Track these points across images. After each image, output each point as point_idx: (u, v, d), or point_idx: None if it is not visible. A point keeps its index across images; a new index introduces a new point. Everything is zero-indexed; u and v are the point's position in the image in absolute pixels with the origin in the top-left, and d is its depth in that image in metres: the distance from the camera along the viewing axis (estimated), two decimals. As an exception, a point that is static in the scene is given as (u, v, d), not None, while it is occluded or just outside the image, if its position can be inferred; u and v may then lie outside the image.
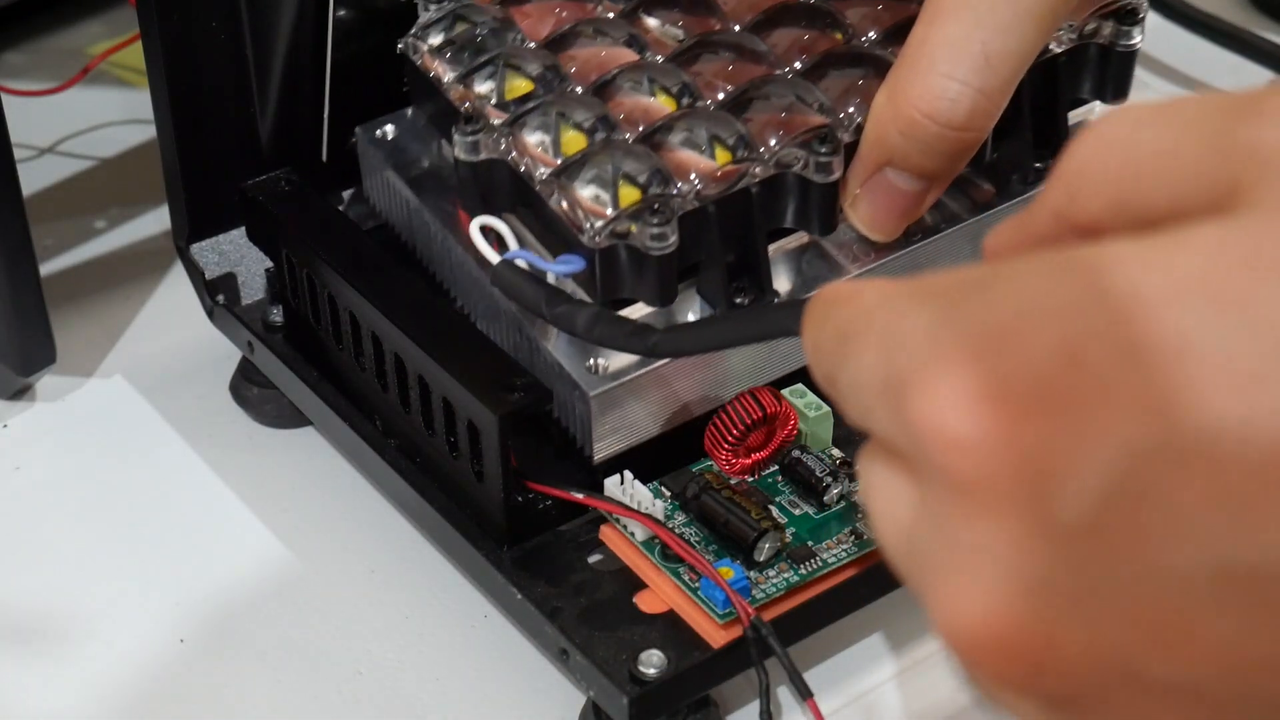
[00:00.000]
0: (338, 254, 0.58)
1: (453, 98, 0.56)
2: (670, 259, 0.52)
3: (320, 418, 0.60)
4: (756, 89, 0.55)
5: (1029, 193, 0.60)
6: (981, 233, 0.58)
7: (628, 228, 0.52)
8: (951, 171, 0.52)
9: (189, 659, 0.56)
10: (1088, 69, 0.59)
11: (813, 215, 0.54)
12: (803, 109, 0.55)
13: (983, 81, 0.49)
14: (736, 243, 0.54)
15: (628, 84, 0.56)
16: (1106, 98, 0.61)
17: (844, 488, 0.54)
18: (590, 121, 0.54)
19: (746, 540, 0.52)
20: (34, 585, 0.58)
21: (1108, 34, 0.59)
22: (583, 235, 0.52)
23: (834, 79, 0.56)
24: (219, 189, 0.62)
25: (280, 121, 0.62)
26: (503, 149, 0.54)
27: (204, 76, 0.60)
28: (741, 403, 0.55)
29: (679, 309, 0.55)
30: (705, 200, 0.53)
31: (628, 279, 0.52)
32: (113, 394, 0.65)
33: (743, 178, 0.53)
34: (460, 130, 0.54)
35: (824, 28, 0.58)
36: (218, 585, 0.58)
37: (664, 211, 0.51)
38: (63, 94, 0.77)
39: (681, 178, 0.53)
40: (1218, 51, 0.86)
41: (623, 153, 0.53)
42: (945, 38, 0.49)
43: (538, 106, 0.55)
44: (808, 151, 0.53)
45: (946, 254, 0.58)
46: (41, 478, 0.62)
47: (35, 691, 0.55)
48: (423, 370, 0.54)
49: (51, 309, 0.63)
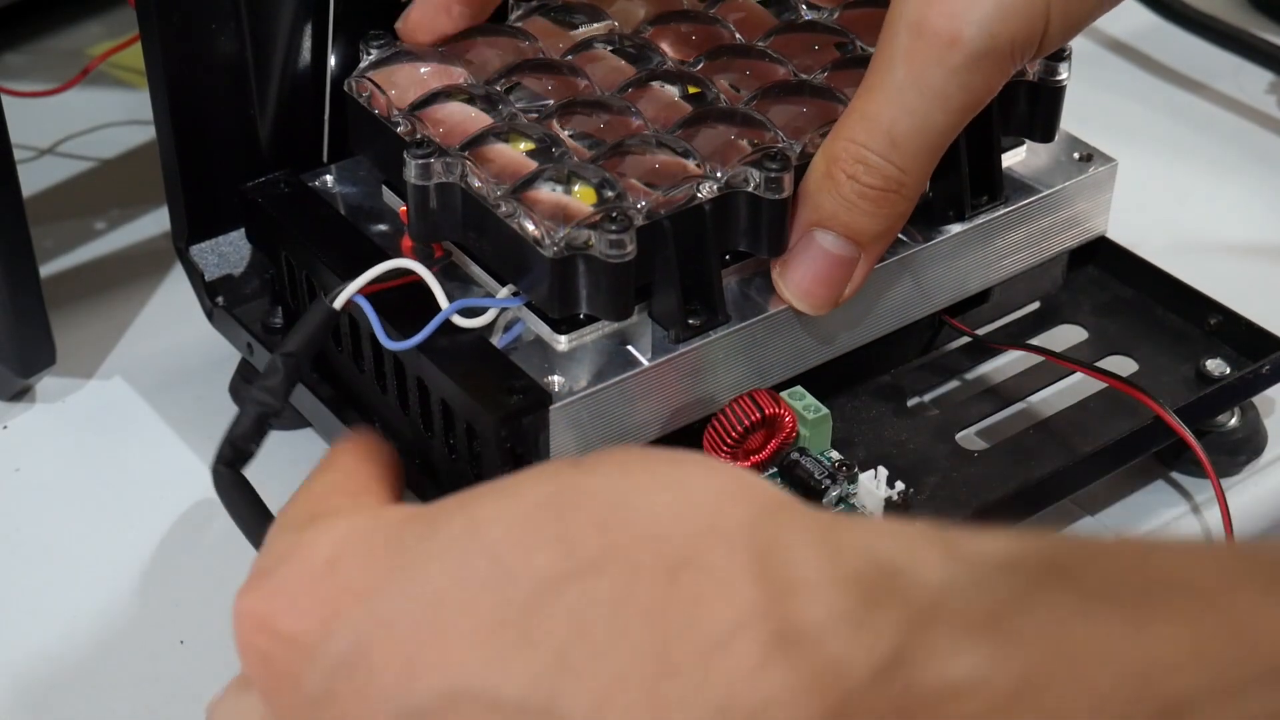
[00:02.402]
0: (337, 256, 0.58)
1: (401, 133, 0.56)
2: (628, 269, 0.52)
3: (320, 420, 0.60)
4: (703, 117, 0.56)
5: (962, 228, 0.59)
6: (918, 266, 0.59)
7: (586, 238, 0.52)
8: (879, 237, 0.54)
9: (189, 659, 0.56)
10: (1018, 107, 0.60)
11: (763, 235, 0.54)
12: (751, 133, 0.55)
13: (893, 156, 0.52)
14: (690, 262, 0.54)
15: (578, 113, 0.56)
16: (1036, 136, 0.61)
17: (842, 490, 0.55)
18: (544, 142, 0.54)
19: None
20: (34, 585, 0.58)
21: (1035, 71, 0.59)
22: (541, 247, 0.52)
23: (780, 110, 0.56)
24: (218, 190, 0.62)
25: (280, 123, 0.62)
26: (456, 174, 0.54)
27: (203, 78, 0.60)
28: (740, 405, 0.55)
29: (634, 333, 0.55)
30: (658, 216, 0.53)
31: (585, 292, 0.52)
32: (113, 395, 0.66)
33: (695, 196, 0.53)
34: (411, 154, 0.53)
35: (769, 63, 0.59)
36: (218, 585, 0.58)
37: (621, 220, 0.51)
38: (63, 95, 0.77)
39: (635, 195, 0.53)
40: (1218, 52, 0.86)
41: (578, 167, 0.53)
42: (863, 110, 0.52)
43: (490, 132, 0.55)
44: (759, 170, 0.53)
45: (883, 287, 0.58)
46: (41, 478, 0.62)
47: (36, 693, 0.55)
48: (421, 373, 0.54)
49: (51, 310, 0.63)
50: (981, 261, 0.61)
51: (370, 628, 0.38)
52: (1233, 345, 0.62)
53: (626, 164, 0.54)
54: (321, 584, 0.40)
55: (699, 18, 0.62)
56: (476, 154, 0.54)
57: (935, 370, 0.62)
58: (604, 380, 0.53)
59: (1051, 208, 0.62)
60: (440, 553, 0.38)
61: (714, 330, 0.55)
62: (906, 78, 0.51)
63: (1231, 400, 0.61)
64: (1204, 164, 0.80)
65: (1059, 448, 0.58)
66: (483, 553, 0.37)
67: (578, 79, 0.58)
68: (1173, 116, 0.84)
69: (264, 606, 0.41)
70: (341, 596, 0.39)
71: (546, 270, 0.52)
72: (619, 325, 0.54)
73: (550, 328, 0.54)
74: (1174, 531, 0.60)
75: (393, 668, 0.37)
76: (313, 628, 0.40)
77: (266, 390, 0.52)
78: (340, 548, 0.41)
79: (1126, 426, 0.58)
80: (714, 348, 0.55)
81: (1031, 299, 0.65)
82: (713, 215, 0.54)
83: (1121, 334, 0.63)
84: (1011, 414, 0.62)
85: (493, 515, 0.38)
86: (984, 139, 0.59)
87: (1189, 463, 0.62)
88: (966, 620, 0.32)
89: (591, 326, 0.54)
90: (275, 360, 0.52)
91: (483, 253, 0.55)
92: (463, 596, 0.37)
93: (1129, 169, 0.72)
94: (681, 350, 0.54)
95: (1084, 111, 0.82)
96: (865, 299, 0.58)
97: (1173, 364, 0.62)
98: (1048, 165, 0.62)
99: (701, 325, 0.55)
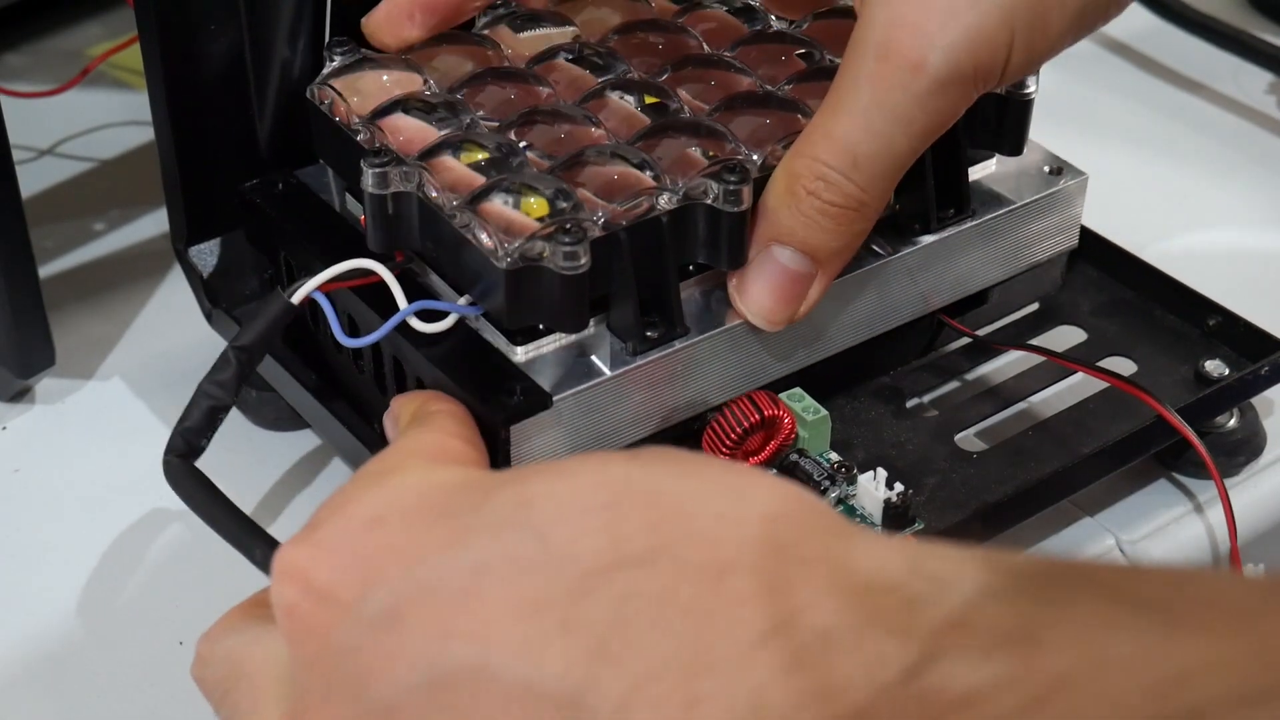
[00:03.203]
0: (337, 256, 0.57)
1: (361, 141, 0.56)
2: (582, 281, 0.51)
3: (320, 421, 0.60)
4: (663, 128, 0.56)
5: (929, 240, 0.59)
6: (881, 279, 0.59)
7: (540, 250, 0.51)
8: (837, 254, 0.54)
9: (189, 659, 0.56)
10: (986, 120, 0.60)
11: (722, 247, 0.54)
12: (711, 144, 0.55)
13: (855, 176, 0.52)
14: (647, 274, 0.54)
15: (539, 123, 0.56)
16: (1004, 149, 0.61)
17: (842, 491, 0.55)
18: (501, 152, 0.54)
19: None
20: (34, 586, 0.58)
21: (1003, 85, 0.59)
22: (494, 259, 0.51)
23: (743, 121, 0.56)
24: (217, 191, 0.62)
25: (278, 124, 0.62)
26: (413, 183, 0.54)
27: (202, 79, 0.60)
28: (739, 406, 0.55)
29: (592, 344, 0.54)
30: (615, 227, 0.53)
31: (539, 304, 0.52)
32: (112, 396, 0.66)
33: (653, 207, 0.53)
34: (368, 163, 0.53)
35: (735, 74, 0.59)
36: (218, 586, 0.58)
37: (575, 231, 0.51)
38: (62, 95, 0.78)
39: (591, 207, 0.53)
40: (1217, 52, 0.86)
41: (532, 178, 0.53)
42: (826, 129, 0.52)
43: (447, 142, 0.55)
44: (717, 181, 0.53)
45: (843, 299, 0.58)
46: (41, 479, 0.62)
47: (36, 693, 0.55)
48: (422, 373, 0.54)
49: (51, 311, 0.63)
50: (947, 273, 0.61)
51: (409, 590, 0.38)
52: (1232, 346, 0.62)
53: (585, 175, 0.54)
54: (364, 541, 0.41)
55: (666, 27, 0.62)
56: (433, 164, 0.54)
57: (934, 371, 0.62)
58: (562, 391, 0.53)
59: (1020, 221, 0.62)
60: (489, 526, 0.38)
61: (672, 343, 0.55)
62: (871, 100, 0.52)
63: (1231, 401, 0.61)
64: (1204, 164, 0.80)
65: (1059, 448, 0.58)
66: (532, 532, 0.37)
67: (540, 88, 0.58)
68: (1173, 117, 0.84)
69: (304, 558, 0.41)
70: (383, 555, 0.40)
71: (500, 281, 0.52)
72: (576, 337, 0.54)
73: (506, 338, 0.54)
74: (1176, 532, 0.61)
75: (426, 632, 0.37)
76: (350, 583, 0.40)
77: (217, 384, 0.52)
78: (387, 507, 0.41)
79: (1127, 427, 0.58)
80: (672, 360, 0.55)
81: (1030, 300, 0.65)
82: (670, 227, 0.54)
83: (1120, 335, 0.63)
84: (1010, 415, 0.62)
85: (545, 496, 0.38)
86: (951, 152, 0.59)
87: (1190, 463, 0.62)
88: (995, 628, 0.33)
89: (549, 337, 0.54)
90: (228, 353, 0.52)
91: (440, 262, 0.55)
92: (507, 572, 0.37)
93: (1128, 169, 0.72)
94: (639, 362, 0.54)
95: (1083, 112, 0.83)
96: (824, 314, 0.57)
97: (1172, 365, 0.62)
98: (1017, 178, 0.62)
99: (659, 337, 0.54)
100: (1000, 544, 0.57)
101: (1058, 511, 0.59)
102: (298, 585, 0.41)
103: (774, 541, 0.36)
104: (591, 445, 0.54)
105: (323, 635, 0.40)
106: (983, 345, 0.63)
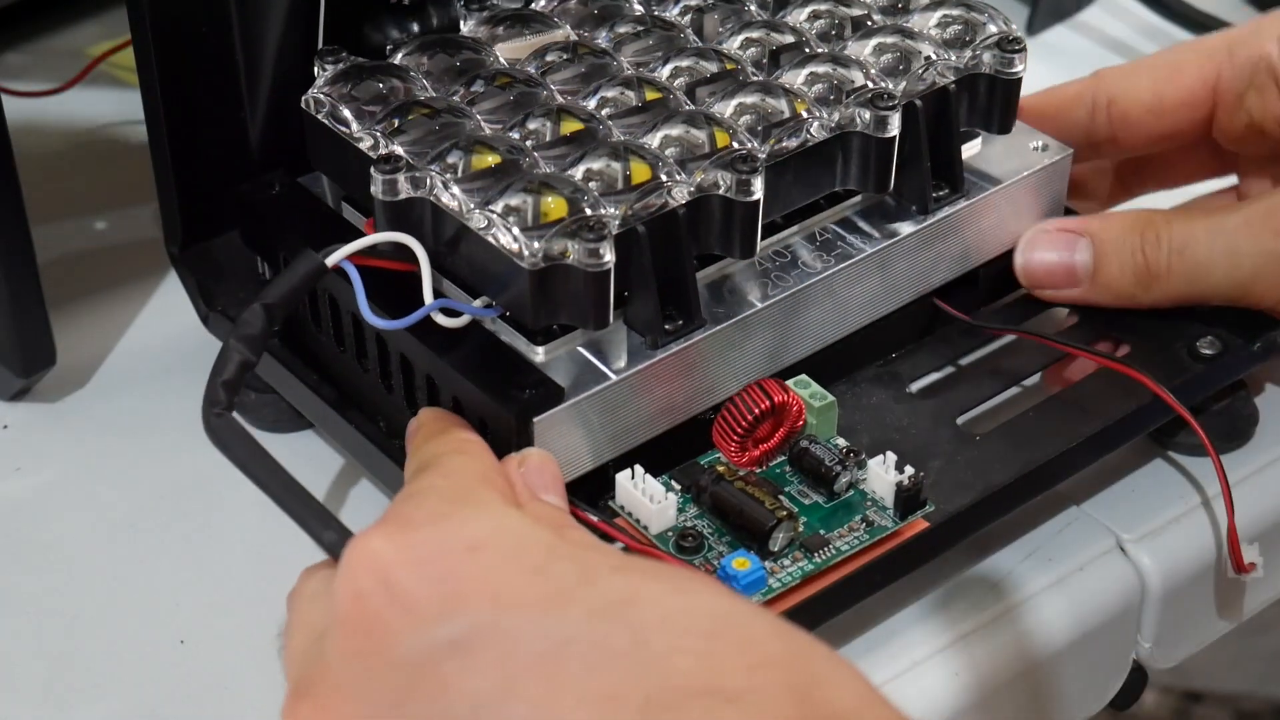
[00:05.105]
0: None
1: (363, 147, 0.56)
2: (606, 277, 0.52)
3: (324, 420, 0.60)
4: (668, 121, 0.56)
5: (928, 222, 0.60)
6: (885, 263, 0.59)
7: (563, 248, 0.52)
8: (1105, 287, 0.63)
9: (189, 659, 0.56)
10: (975, 99, 0.61)
11: (735, 237, 0.55)
12: (718, 135, 0.56)
13: (1174, 260, 0.61)
14: (665, 267, 0.54)
15: (543, 122, 0.56)
16: (994, 127, 0.62)
17: (853, 475, 0.55)
18: (511, 153, 0.54)
19: (763, 529, 0.52)
20: (34, 586, 0.58)
21: (990, 63, 0.60)
22: (518, 260, 0.52)
23: (740, 110, 0.57)
24: (211, 194, 0.62)
25: (271, 125, 0.62)
26: (425, 188, 0.54)
27: (195, 81, 0.60)
28: (749, 394, 0.55)
29: (609, 340, 0.55)
30: (633, 221, 0.53)
31: (564, 302, 0.52)
32: (113, 395, 0.66)
33: (668, 201, 0.54)
34: (378, 169, 0.53)
35: (731, 65, 0.60)
36: (218, 586, 0.58)
37: (598, 228, 0.51)
38: (62, 95, 0.78)
39: (607, 202, 0.53)
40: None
41: (549, 177, 0.53)
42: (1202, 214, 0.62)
43: (457, 145, 0.55)
44: (730, 172, 0.54)
45: (853, 282, 0.59)
46: (41, 478, 0.62)
47: (36, 693, 0.55)
48: (431, 370, 0.54)
49: (51, 310, 0.63)
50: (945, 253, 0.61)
51: (490, 631, 0.39)
52: (1224, 325, 0.62)
53: (596, 171, 0.54)
54: (458, 562, 0.41)
55: (658, 23, 0.62)
56: (444, 167, 0.54)
57: (932, 355, 0.62)
58: (581, 391, 0.53)
59: (1011, 198, 0.62)
60: (589, 606, 0.39)
61: (692, 334, 0.55)
62: (1232, 237, 0.61)
63: (1223, 378, 0.61)
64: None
65: (1060, 429, 0.59)
66: (630, 630, 0.38)
67: (538, 88, 0.58)
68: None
69: (390, 553, 0.41)
70: (474, 586, 0.40)
71: (525, 281, 0.52)
72: (596, 334, 0.54)
73: (526, 338, 0.54)
74: (1173, 511, 0.61)
75: (492, 678, 0.38)
76: (432, 597, 0.40)
77: (244, 340, 0.52)
78: (488, 539, 0.42)
79: (1125, 407, 0.59)
80: (691, 351, 0.55)
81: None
82: (686, 219, 0.54)
83: (1113, 314, 0.63)
84: (1010, 397, 0.62)
85: (654, 602, 0.39)
86: (944, 132, 0.60)
87: (1184, 442, 0.62)
88: None
89: (568, 336, 0.54)
90: (256, 307, 0.52)
91: (454, 266, 0.55)
92: (592, 657, 0.38)
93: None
94: (660, 355, 0.54)
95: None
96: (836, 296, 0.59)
97: (1165, 344, 0.62)
98: (1003, 156, 0.63)
99: (678, 329, 0.55)
100: (1006, 526, 0.58)
101: (1054, 496, 0.60)
102: (375, 577, 0.41)
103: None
104: (613, 441, 0.55)
105: (381, 635, 0.40)
106: (978, 330, 0.63)
